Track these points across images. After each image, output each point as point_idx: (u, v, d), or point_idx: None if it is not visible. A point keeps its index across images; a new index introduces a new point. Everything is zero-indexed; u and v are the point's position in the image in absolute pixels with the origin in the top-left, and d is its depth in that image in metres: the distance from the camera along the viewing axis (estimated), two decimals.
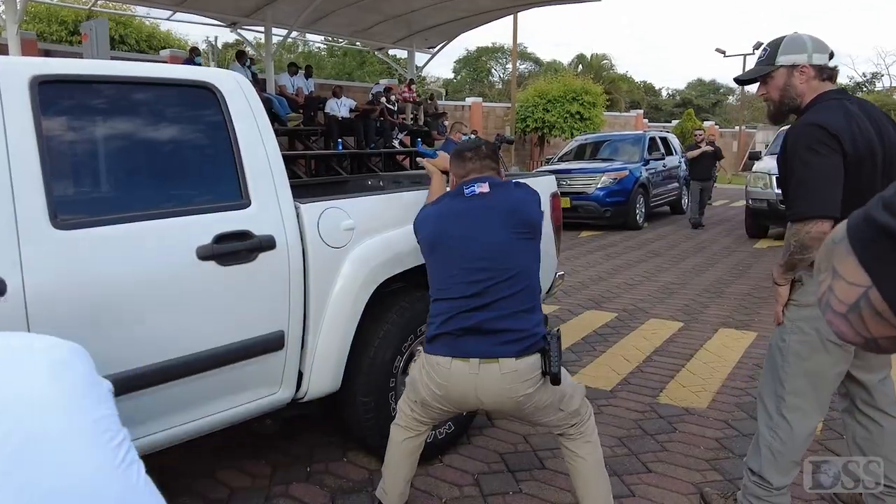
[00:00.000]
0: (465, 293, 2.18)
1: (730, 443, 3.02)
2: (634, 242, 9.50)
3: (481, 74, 48.52)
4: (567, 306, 5.62)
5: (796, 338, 2.09)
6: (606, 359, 4.27)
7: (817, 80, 2.13)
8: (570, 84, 21.80)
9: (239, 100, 2.45)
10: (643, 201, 11.23)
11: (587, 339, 4.72)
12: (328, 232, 2.58)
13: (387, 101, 14.29)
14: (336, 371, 2.62)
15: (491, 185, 2.33)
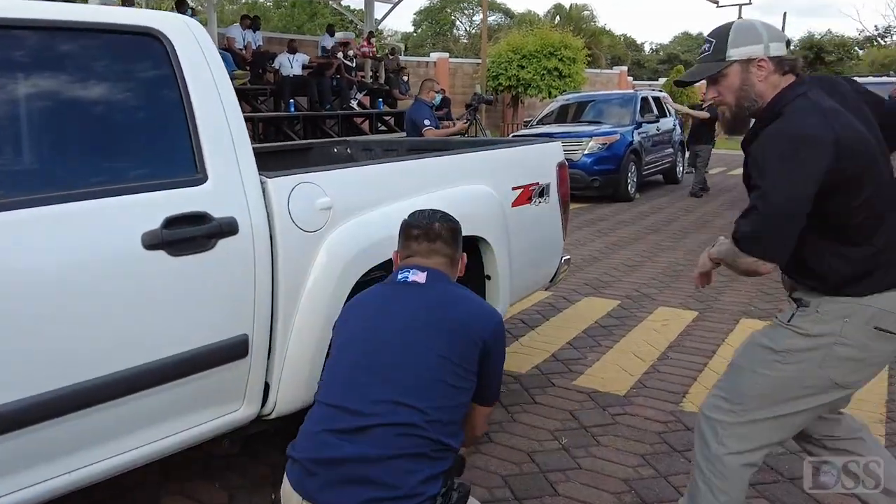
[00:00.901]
0: (341, 402, 1.81)
1: (773, 461, 2.89)
2: (627, 216, 9.40)
3: (444, 27, 47.98)
4: (562, 292, 5.47)
5: (792, 369, 1.94)
6: (615, 356, 4.12)
7: (777, 75, 1.94)
8: (548, 37, 21.50)
9: (191, 49, 2.19)
10: (635, 169, 11.13)
11: (590, 333, 4.56)
12: (300, 212, 2.34)
13: (344, 57, 13.90)
14: (309, 382, 2.39)
15: (431, 277, 1.99)
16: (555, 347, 4.26)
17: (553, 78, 20.76)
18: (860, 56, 32.06)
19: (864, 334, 1.88)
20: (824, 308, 1.91)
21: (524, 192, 3.36)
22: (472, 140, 4.27)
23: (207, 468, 2.86)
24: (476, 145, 3.75)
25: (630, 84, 27.01)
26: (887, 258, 1.88)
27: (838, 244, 1.89)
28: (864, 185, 1.83)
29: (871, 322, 1.87)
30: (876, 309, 1.87)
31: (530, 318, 4.83)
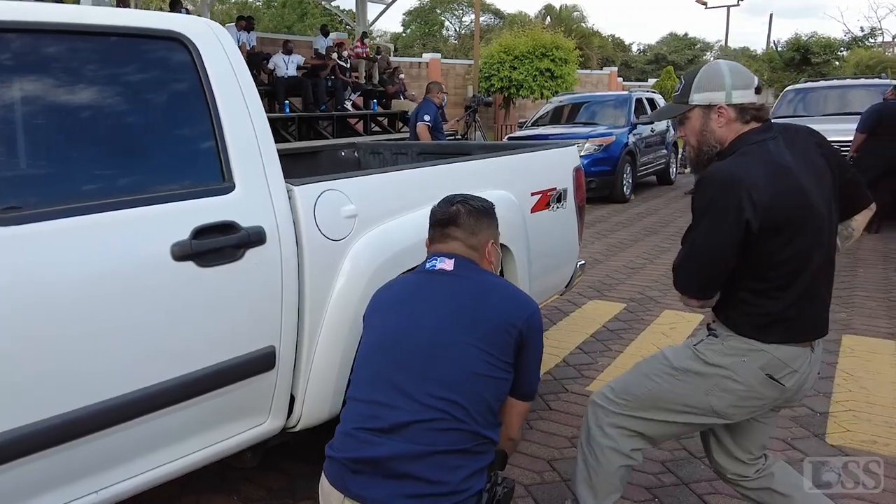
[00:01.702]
0: (375, 398, 1.76)
1: (798, 466, 2.84)
2: (624, 218, 9.38)
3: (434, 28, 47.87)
4: (567, 295, 5.40)
5: (681, 385, 2.05)
6: (626, 360, 4.07)
7: (738, 122, 1.96)
8: (539, 38, 21.49)
9: (217, 54, 2.11)
10: (630, 170, 11.11)
11: (598, 336, 4.52)
12: (326, 221, 2.27)
13: (338, 58, 13.81)
14: (336, 393, 2.33)
15: (458, 264, 1.92)
16: (565, 352, 4.21)
17: (545, 79, 20.74)
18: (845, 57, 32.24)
19: (755, 377, 1.96)
20: (729, 343, 1.99)
21: (543, 198, 3.30)
22: (488, 144, 4.20)
23: (224, 480, 2.79)
24: (493, 150, 3.68)
25: (620, 85, 27.03)
26: (794, 314, 1.94)
27: (754, 291, 1.95)
28: (789, 244, 1.87)
29: (765, 369, 1.95)
30: (773, 357, 1.94)
31: None
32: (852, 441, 3.08)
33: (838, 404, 3.45)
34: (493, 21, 44.97)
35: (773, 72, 32.58)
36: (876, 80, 11.41)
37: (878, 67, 25.42)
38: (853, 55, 31.11)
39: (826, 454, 2.96)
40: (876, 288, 5.66)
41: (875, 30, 36.99)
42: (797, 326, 1.96)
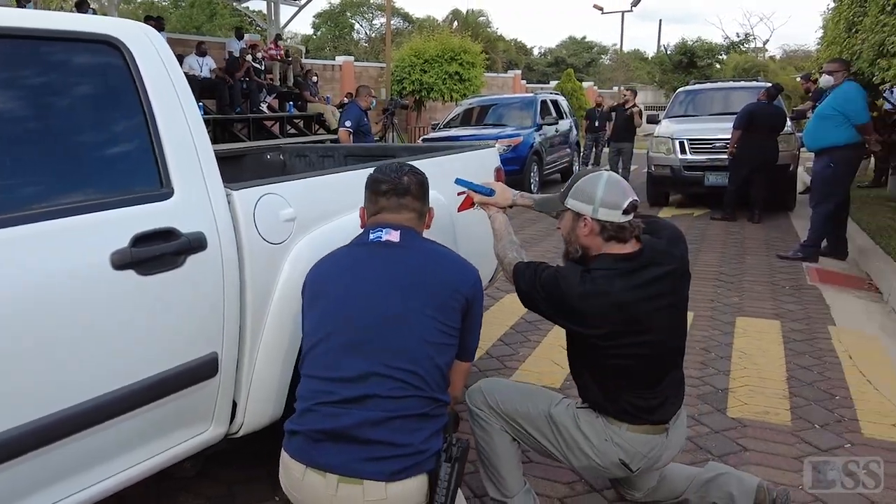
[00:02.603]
0: (333, 374, 1.78)
1: (704, 442, 3.00)
2: (533, 214, 9.44)
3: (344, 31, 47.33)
4: (487, 290, 5.48)
5: (548, 432, 2.20)
6: (545, 350, 4.17)
7: (600, 237, 2.07)
8: (448, 43, 21.61)
9: (151, 58, 2.02)
10: (537, 169, 11.34)
11: (517, 328, 4.60)
12: (266, 224, 2.22)
13: (252, 60, 13.46)
14: (278, 397, 2.28)
15: (404, 234, 1.94)
16: (488, 345, 4.27)
17: (454, 82, 20.87)
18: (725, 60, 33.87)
19: (611, 460, 2.11)
20: (601, 421, 2.12)
21: (468, 198, 3.32)
22: (412, 146, 4.20)
23: (161, 491, 2.66)
24: (416, 151, 3.69)
25: (524, 87, 27.48)
26: (655, 405, 2.11)
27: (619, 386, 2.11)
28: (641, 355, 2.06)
29: (620, 455, 2.10)
30: (631, 447, 2.09)
31: None
32: (749, 413, 3.26)
33: (736, 381, 3.65)
34: (403, 25, 44.86)
35: (664, 73, 33.96)
36: (754, 82, 12.07)
37: (753, 70, 26.88)
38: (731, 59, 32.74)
39: (727, 426, 3.13)
40: (761, 273, 6.01)
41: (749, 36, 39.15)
42: (657, 416, 2.11)
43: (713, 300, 5.13)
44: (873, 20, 6.61)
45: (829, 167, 6.22)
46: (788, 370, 3.78)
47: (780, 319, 4.68)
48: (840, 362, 3.90)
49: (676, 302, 2.14)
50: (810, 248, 6.42)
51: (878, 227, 7.17)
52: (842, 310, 4.93)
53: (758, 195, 8.47)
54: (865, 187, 10.63)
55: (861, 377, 3.69)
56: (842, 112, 6.06)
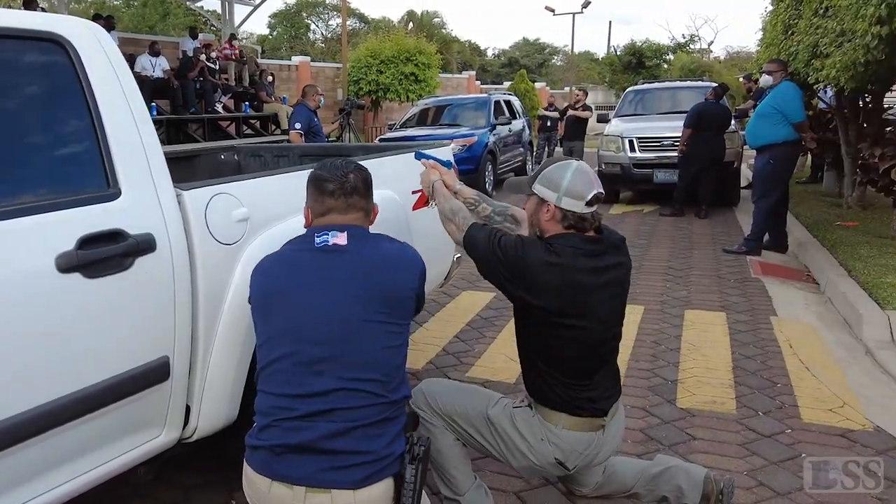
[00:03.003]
0: (292, 390, 1.72)
1: (655, 432, 3.04)
2: None
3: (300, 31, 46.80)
4: (443, 288, 5.47)
5: (486, 432, 2.20)
6: (500, 346, 4.18)
7: (560, 224, 2.09)
8: (404, 43, 21.50)
9: (97, 55, 1.95)
10: (492, 169, 11.37)
11: (473, 325, 4.61)
12: (218, 225, 2.17)
13: (206, 59, 13.20)
14: (232, 400, 2.23)
15: (351, 235, 1.87)
16: (444, 342, 4.27)
17: (410, 82, 20.78)
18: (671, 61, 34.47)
19: (546, 459, 2.13)
20: (536, 419, 2.13)
21: (422, 196, 3.29)
22: (368, 146, 4.17)
23: (115, 497, 2.59)
24: (372, 151, 3.66)
25: (478, 88, 27.53)
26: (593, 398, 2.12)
27: (554, 378, 2.12)
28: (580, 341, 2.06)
29: (556, 454, 2.11)
30: (567, 445, 2.10)
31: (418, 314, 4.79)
32: (697, 403, 3.32)
33: (685, 372, 3.71)
34: (359, 26, 44.55)
35: (614, 74, 34.39)
36: (700, 82, 12.32)
37: (699, 71, 27.44)
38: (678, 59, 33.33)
39: (677, 417, 3.18)
40: (708, 266, 6.13)
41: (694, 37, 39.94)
42: (595, 407, 2.13)
43: (663, 294, 5.22)
44: (807, 23, 6.79)
45: (770, 164, 6.38)
46: (734, 360, 3.86)
47: (726, 311, 4.78)
48: (781, 351, 4.00)
49: (621, 294, 2.18)
50: (753, 242, 6.57)
51: (814, 221, 7.38)
52: (783, 301, 5.06)
53: (705, 191, 8.64)
54: (803, 183, 10.93)
55: (800, 365, 3.79)
56: (780, 111, 6.23)
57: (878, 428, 3.05)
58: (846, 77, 5.47)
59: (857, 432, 3.01)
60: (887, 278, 4.98)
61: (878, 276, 5.02)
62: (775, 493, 2.55)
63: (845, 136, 8.20)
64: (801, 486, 2.59)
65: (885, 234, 6.64)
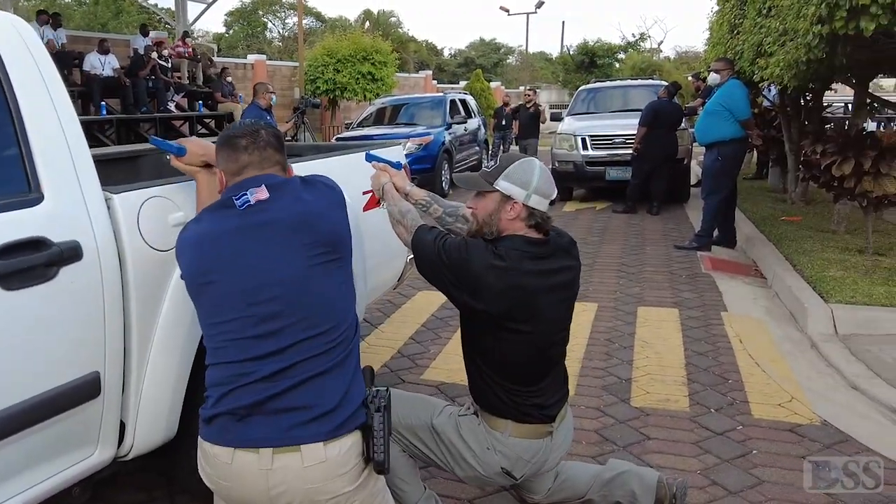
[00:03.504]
0: (248, 354, 1.63)
1: (609, 433, 2.99)
2: None
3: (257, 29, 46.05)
4: (399, 289, 5.34)
5: (431, 442, 2.13)
6: (455, 346, 4.09)
7: (523, 223, 2.00)
8: (360, 42, 21.26)
9: (18, 50, 1.80)
10: (448, 167, 11.30)
11: (429, 326, 4.51)
12: (152, 230, 2.03)
13: (158, 57, 12.81)
14: (170, 416, 2.09)
15: (270, 186, 1.75)
16: (399, 343, 4.16)
17: (367, 81, 20.57)
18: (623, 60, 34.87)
19: (493, 469, 2.05)
20: (482, 428, 2.05)
21: (373, 197, 3.19)
22: (320, 145, 4.02)
23: None
24: (324, 151, 3.53)
25: (435, 87, 27.43)
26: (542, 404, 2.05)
27: (503, 387, 2.05)
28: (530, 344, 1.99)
29: (503, 464, 2.04)
30: (513, 454, 2.03)
31: (372, 316, 4.69)
32: (651, 401, 3.29)
33: (639, 370, 3.68)
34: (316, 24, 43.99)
35: (567, 73, 34.64)
36: (650, 80, 12.43)
37: (649, 70, 27.81)
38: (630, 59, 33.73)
39: (631, 416, 3.14)
40: (660, 263, 6.15)
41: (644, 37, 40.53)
42: (543, 413, 2.05)
43: (616, 291, 5.20)
44: (752, 22, 6.87)
45: (718, 160, 6.43)
46: (686, 357, 3.85)
47: (678, 308, 4.78)
48: (732, 347, 4.00)
49: (570, 297, 2.12)
50: (703, 238, 6.62)
51: (761, 217, 7.48)
52: (732, 296, 5.09)
53: (657, 188, 8.70)
54: (749, 179, 11.12)
55: (750, 360, 3.79)
56: (727, 108, 6.28)
57: (824, 422, 3.06)
58: (789, 75, 5.53)
59: (805, 426, 3.01)
60: (829, 272, 5.05)
61: (821, 270, 5.09)
62: (728, 491, 2.52)
63: (788, 133, 8.34)
64: (752, 483, 2.57)
65: (826, 228, 6.76)
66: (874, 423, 3.08)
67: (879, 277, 4.96)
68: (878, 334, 4.11)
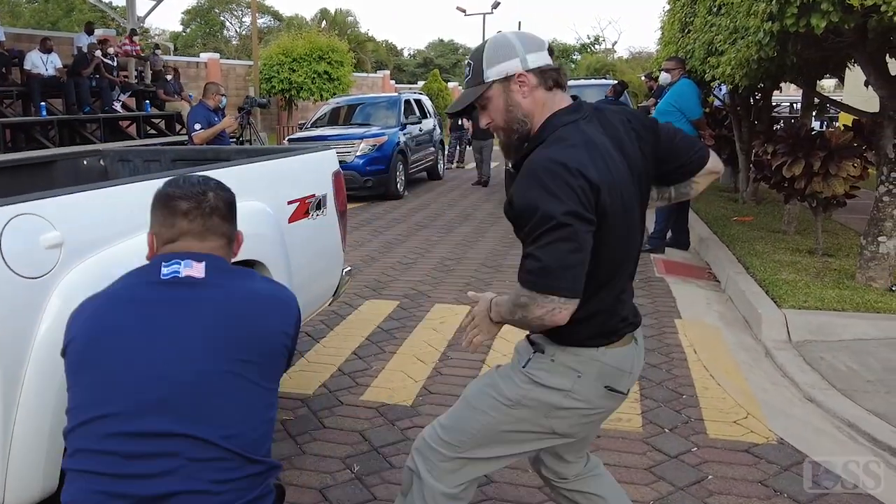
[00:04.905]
0: (115, 469, 1.28)
1: None
2: (399, 214, 9.22)
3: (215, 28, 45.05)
4: (344, 297, 5.04)
5: (518, 414, 1.68)
6: (399, 362, 3.81)
7: (542, 89, 1.64)
8: (316, 42, 20.84)
9: None
10: (403, 168, 11.00)
11: (373, 339, 4.21)
12: (18, 254, 1.71)
13: (103, 56, 12.23)
14: (49, 466, 1.77)
15: (210, 267, 1.44)
16: (341, 360, 3.86)
17: (323, 81, 20.17)
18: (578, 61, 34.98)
19: (594, 392, 1.65)
20: (559, 358, 1.65)
21: (301, 206, 2.90)
22: (245, 149, 3.70)
23: None
24: (249, 155, 3.21)
25: (393, 87, 27.08)
26: (619, 310, 1.67)
27: None
28: (612, 233, 1.55)
29: (602, 380, 1.65)
30: (606, 366, 1.65)
31: (315, 329, 4.37)
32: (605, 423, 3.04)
33: None
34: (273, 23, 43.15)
35: None
36: (602, 80, 12.32)
37: (603, 70, 27.92)
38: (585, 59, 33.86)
39: None
40: None
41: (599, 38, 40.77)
42: (622, 323, 1.68)
43: None
44: (702, 20, 6.74)
45: None
46: None
47: None
48: (686, 357, 3.81)
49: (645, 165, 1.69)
50: (657, 240, 6.46)
51: (714, 217, 7.36)
52: (686, 301, 4.91)
53: None
54: None
55: (705, 372, 3.60)
56: (678, 108, 6.12)
57: (780, 440, 2.86)
58: (740, 74, 5.39)
59: (762, 446, 2.82)
60: (781, 275, 4.91)
61: (774, 273, 4.95)
62: None
63: (739, 133, 8.25)
64: None
65: (777, 228, 6.67)
66: (830, 439, 2.91)
67: (830, 280, 4.84)
68: (830, 340, 3.96)
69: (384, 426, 3.04)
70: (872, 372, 3.51)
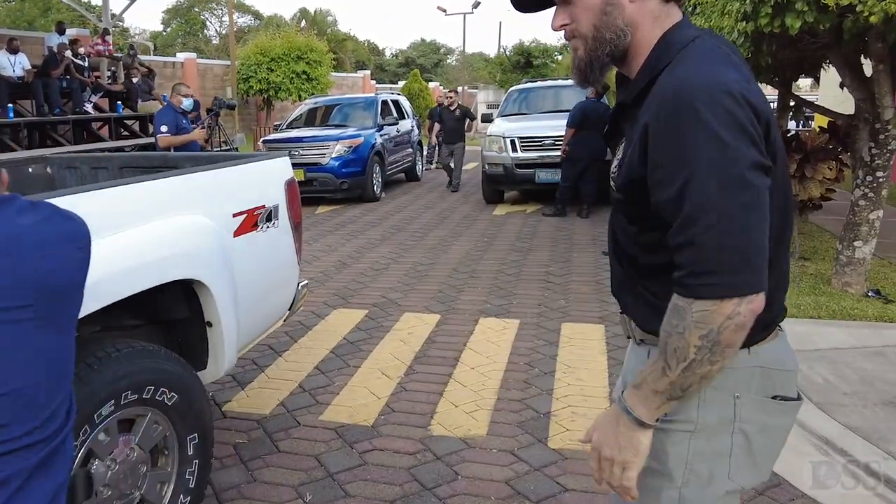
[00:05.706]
0: None
1: (522, 484, 2.56)
2: (374, 217, 9.02)
3: (195, 27, 44.48)
4: (311, 306, 4.87)
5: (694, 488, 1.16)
6: (362, 377, 3.62)
7: (659, 0, 1.15)
8: (294, 41, 20.54)
9: None
10: (379, 170, 10.79)
11: (338, 352, 4.02)
12: None
13: (74, 56, 11.89)
14: None
15: None
16: (302, 375, 3.66)
17: (302, 81, 19.89)
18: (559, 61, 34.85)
19: (764, 410, 1.16)
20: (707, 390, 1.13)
21: (248, 219, 2.70)
22: (195, 156, 3.48)
23: None
24: (198, 163, 3.00)
25: (374, 87, 26.84)
26: (783, 290, 1.22)
27: None
28: (783, 178, 1.14)
29: (765, 390, 1.17)
30: (767, 370, 1.17)
31: (278, 341, 4.16)
32: (570, 441, 2.88)
33: (559, 401, 3.28)
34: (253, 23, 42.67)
35: (504, 73, 34.42)
36: None
37: None
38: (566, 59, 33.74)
39: (547, 461, 2.73)
40: (588, 272, 5.80)
41: None
42: (782, 308, 1.22)
43: (540, 305, 4.81)
44: None
45: None
46: (611, 383, 3.47)
47: (603, 323, 4.41)
48: None
49: None
50: None
51: None
52: None
53: (587, 191, 8.39)
54: None
55: None
56: None
57: None
58: None
59: None
60: None
61: None
62: None
63: None
64: None
65: None
66: (807, 460, 2.76)
67: (806, 286, 4.72)
68: (807, 350, 3.82)
69: (342, 449, 2.85)
70: (849, 384, 3.38)
